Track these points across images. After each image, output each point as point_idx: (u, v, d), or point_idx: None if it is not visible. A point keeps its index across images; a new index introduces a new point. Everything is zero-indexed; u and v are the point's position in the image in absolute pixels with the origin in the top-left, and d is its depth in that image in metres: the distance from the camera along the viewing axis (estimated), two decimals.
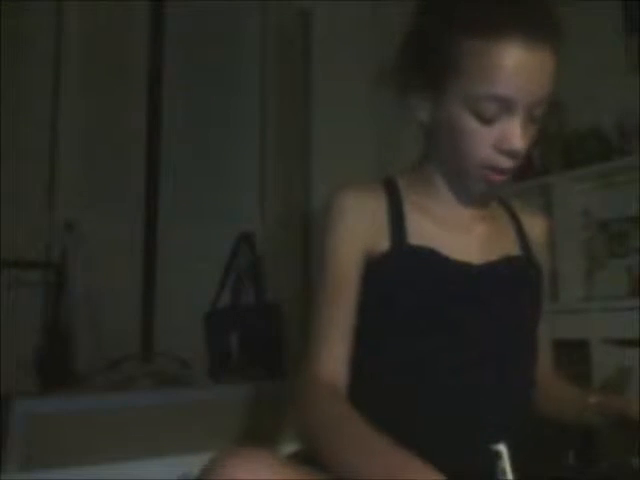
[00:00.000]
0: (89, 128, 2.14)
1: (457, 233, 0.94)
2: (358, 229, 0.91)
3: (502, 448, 0.73)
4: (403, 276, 0.89)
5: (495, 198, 1.00)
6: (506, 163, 0.87)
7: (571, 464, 1.09)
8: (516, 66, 0.81)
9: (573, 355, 2.08)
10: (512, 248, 0.98)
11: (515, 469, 0.74)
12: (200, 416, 1.58)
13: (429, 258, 0.90)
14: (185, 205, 2.24)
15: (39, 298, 1.97)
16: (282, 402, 1.22)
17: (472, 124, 0.85)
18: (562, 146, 2.40)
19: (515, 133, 0.85)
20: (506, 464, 0.72)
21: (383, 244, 0.90)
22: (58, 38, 2.11)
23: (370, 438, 0.72)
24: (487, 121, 0.85)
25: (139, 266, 2.14)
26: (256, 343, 2.03)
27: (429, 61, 0.87)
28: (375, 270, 0.90)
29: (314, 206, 2.31)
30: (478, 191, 0.92)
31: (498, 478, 0.73)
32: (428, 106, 0.90)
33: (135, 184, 2.17)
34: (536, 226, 1.05)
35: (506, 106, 0.84)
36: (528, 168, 2.28)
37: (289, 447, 0.91)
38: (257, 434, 1.54)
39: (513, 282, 0.95)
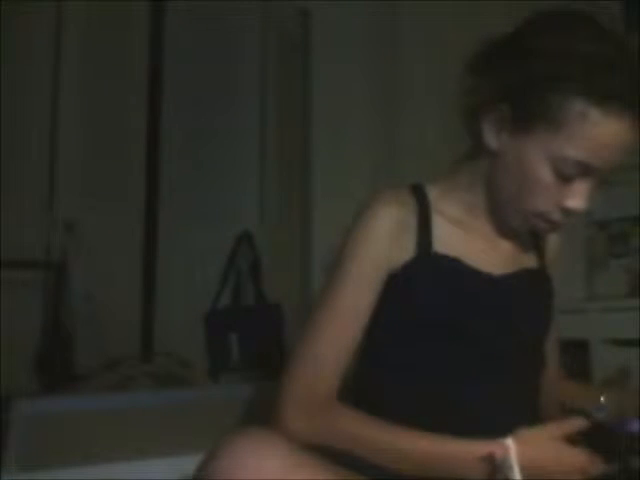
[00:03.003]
0: (89, 128, 2.14)
1: (483, 246, 0.95)
2: (384, 251, 0.89)
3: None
4: (426, 282, 0.90)
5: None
6: (560, 218, 0.87)
7: None
8: (616, 143, 0.83)
9: (573, 355, 2.08)
10: (529, 260, 1.00)
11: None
12: (200, 416, 1.58)
13: (452, 266, 0.90)
14: (185, 205, 2.24)
15: (39, 298, 1.97)
16: None
17: (548, 177, 0.84)
18: None
19: (584, 195, 0.85)
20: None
21: (409, 252, 0.90)
22: (58, 38, 2.10)
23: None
24: (564, 179, 0.84)
25: (139, 266, 2.13)
26: (256, 343, 2.03)
27: (529, 104, 0.84)
28: (399, 276, 0.90)
29: (314, 206, 2.30)
30: (517, 228, 0.93)
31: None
32: (503, 137, 0.87)
33: (135, 184, 2.16)
34: (550, 237, 1.05)
35: (587, 171, 0.83)
36: None
37: None
38: None
39: (529, 294, 0.96)
